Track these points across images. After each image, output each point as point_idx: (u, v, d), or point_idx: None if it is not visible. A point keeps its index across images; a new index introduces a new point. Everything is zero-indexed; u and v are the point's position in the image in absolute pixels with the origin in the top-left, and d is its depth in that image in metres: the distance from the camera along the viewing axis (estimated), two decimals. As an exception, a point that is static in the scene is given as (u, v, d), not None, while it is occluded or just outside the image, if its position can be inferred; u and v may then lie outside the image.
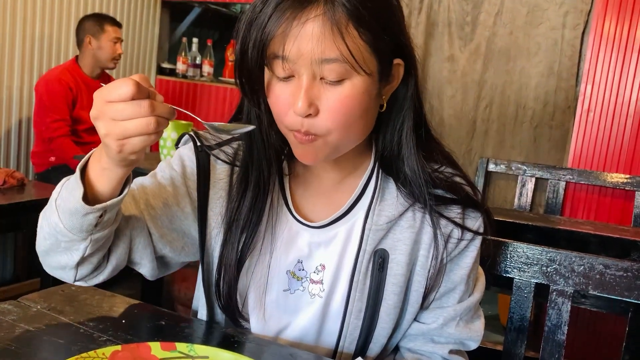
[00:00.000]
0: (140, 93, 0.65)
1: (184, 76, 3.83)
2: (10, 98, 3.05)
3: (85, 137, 2.99)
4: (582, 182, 2.79)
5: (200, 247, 0.92)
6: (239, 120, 0.90)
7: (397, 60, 0.82)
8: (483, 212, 0.91)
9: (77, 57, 3.06)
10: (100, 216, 0.73)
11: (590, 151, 2.83)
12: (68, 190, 0.75)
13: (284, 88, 0.78)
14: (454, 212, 0.89)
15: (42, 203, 1.93)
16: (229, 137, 0.92)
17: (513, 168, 2.91)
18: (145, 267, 0.90)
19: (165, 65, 3.95)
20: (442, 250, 0.88)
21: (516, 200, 2.90)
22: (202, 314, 0.96)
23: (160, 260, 0.92)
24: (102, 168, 0.72)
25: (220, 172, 0.91)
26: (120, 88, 0.64)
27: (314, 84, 0.76)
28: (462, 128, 3.13)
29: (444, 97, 3.19)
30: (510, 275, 1.16)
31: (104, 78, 3.15)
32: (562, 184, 2.83)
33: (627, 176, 2.70)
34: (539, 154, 3.00)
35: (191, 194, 0.91)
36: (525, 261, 1.15)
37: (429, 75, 3.22)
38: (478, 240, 0.91)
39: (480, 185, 2.92)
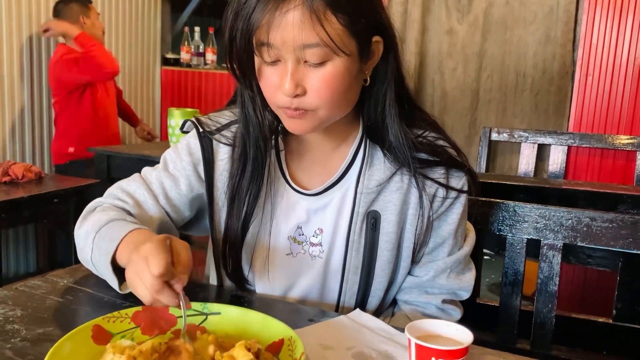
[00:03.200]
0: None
1: (188, 65, 3.90)
2: (22, 92, 3.13)
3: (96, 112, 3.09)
4: (583, 146, 2.83)
5: (210, 224, 1.01)
6: (236, 101, 0.97)
7: (375, 38, 0.88)
8: (466, 172, 0.98)
9: (60, 43, 3.12)
10: None
11: (591, 115, 2.87)
12: (101, 265, 0.88)
13: (272, 71, 0.85)
14: (438, 173, 0.96)
15: (60, 194, 2.05)
16: (227, 121, 1.00)
17: (515, 136, 2.95)
18: None
19: (170, 55, 4.02)
20: (427, 209, 0.95)
21: (520, 167, 2.94)
22: (214, 280, 1.05)
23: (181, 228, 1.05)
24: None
25: (222, 154, 0.99)
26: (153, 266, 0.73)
27: (299, 67, 0.83)
28: (466, 99, 3.18)
29: (445, 70, 3.24)
30: (503, 233, 1.23)
31: None
32: (564, 149, 2.87)
33: (628, 137, 2.74)
34: (540, 121, 3.04)
35: (202, 178, 1.00)
36: (517, 219, 1.22)
37: (428, 50, 3.26)
38: (463, 197, 0.98)
39: (484, 155, 2.97)
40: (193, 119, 1.01)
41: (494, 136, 3.00)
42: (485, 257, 3.25)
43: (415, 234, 0.97)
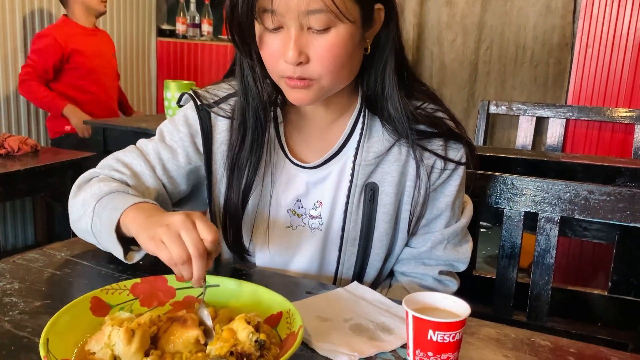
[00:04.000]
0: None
1: (184, 36, 3.86)
2: (16, 64, 3.10)
3: (87, 86, 3.05)
4: (582, 119, 2.82)
5: (208, 197, 1.00)
6: (234, 73, 0.96)
7: (377, 5, 0.87)
8: (464, 144, 0.97)
9: (65, 15, 3.08)
10: None
11: (590, 87, 2.85)
12: (104, 233, 0.86)
13: (274, 39, 0.84)
14: (436, 144, 0.95)
15: (56, 167, 2.03)
16: (225, 94, 0.99)
17: (514, 109, 2.94)
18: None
19: (165, 26, 3.97)
20: (425, 181, 0.95)
21: (518, 140, 2.93)
22: None
23: (175, 204, 1.04)
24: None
25: (220, 127, 0.98)
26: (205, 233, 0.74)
27: (302, 34, 0.82)
28: (465, 72, 3.16)
29: (444, 41, 3.21)
30: (500, 207, 1.23)
31: (100, 31, 3.20)
32: (563, 122, 2.86)
33: (627, 110, 2.72)
34: (539, 93, 3.03)
35: (200, 150, 0.99)
36: (514, 192, 1.22)
37: (427, 21, 3.23)
38: (461, 169, 0.98)
39: (482, 128, 2.96)
40: (190, 92, 1.00)
41: (492, 109, 2.98)
42: (482, 230, 3.27)
43: (413, 205, 0.97)
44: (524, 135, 2.94)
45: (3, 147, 2.03)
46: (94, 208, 0.88)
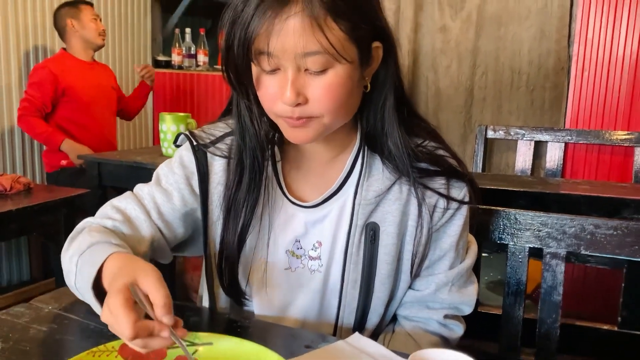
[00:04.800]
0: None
1: (180, 67, 3.85)
2: (10, 99, 3.08)
3: (82, 120, 3.02)
4: (581, 142, 2.80)
5: (204, 239, 0.97)
6: (230, 112, 0.94)
7: (375, 44, 0.85)
8: (467, 182, 0.95)
9: (64, 48, 3.08)
10: None
11: (587, 110, 2.83)
12: (84, 291, 0.81)
13: (272, 80, 0.82)
14: (438, 183, 0.93)
15: (49, 206, 2.00)
16: (222, 133, 0.96)
17: (512, 133, 2.92)
18: (163, 260, 1.00)
19: (161, 57, 3.97)
20: (428, 220, 0.92)
21: (517, 164, 2.91)
22: (206, 301, 1.01)
23: (174, 248, 1.01)
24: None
25: (217, 167, 0.96)
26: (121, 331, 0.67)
27: (299, 75, 0.80)
28: (460, 97, 3.14)
29: (439, 67, 3.20)
30: (504, 242, 1.20)
31: (98, 64, 3.19)
32: (562, 145, 2.83)
33: (626, 132, 2.71)
34: (536, 118, 3.01)
35: (196, 192, 0.96)
36: (518, 227, 1.18)
37: (421, 48, 3.23)
38: (464, 208, 0.95)
39: (480, 153, 2.94)
40: (187, 132, 0.98)
41: (490, 134, 2.96)
42: (483, 254, 3.23)
43: (415, 245, 0.93)
44: (522, 159, 2.92)
45: (-5, 186, 2.00)
46: (76, 263, 0.84)
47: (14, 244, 3.12)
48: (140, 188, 0.98)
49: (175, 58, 3.84)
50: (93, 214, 0.97)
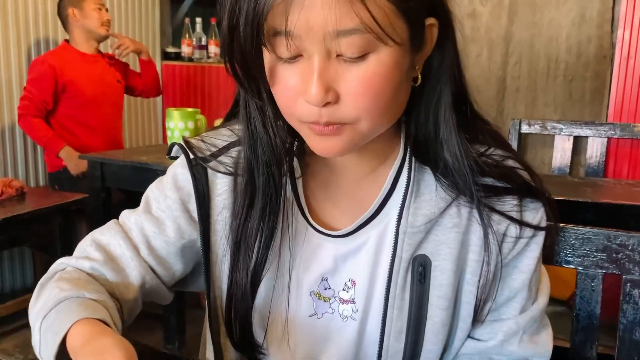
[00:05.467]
0: None
1: (190, 59, 3.67)
2: (11, 95, 2.89)
3: (85, 118, 2.84)
4: (625, 137, 2.57)
5: (206, 279, 0.77)
6: (236, 114, 0.73)
7: (429, 20, 0.64)
8: (545, 201, 0.73)
9: (67, 40, 2.89)
10: None
11: (633, 102, 2.59)
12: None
13: (291, 71, 0.61)
14: (509, 204, 0.71)
15: (42, 214, 1.81)
16: (226, 143, 0.76)
17: (548, 127, 2.70)
18: (161, 301, 0.82)
19: (170, 49, 3.79)
20: (496, 253, 0.71)
21: (554, 161, 2.69)
22: (211, 353, 0.81)
23: (174, 285, 0.82)
24: None
25: (221, 187, 0.76)
26: None
27: (330, 63, 0.59)
28: (491, 89, 2.92)
29: (468, 56, 2.95)
30: (572, 266, 0.98)
31: (103, 57, 2.99)
32: (604, 141, 2.60)
33: (676, 126, 2.47)
34: (575, 110, 2.79)
35: (194, 217, 0.77)
36: (590, 248, 0.97)
37: (449, 35, 3.01)
38: (540, 236, 0.74)
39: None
40: (181, 142, 0.77)
41: (524, 128, 2.74)
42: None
43: (479, 286, 0.72)
44: (560, 156, 2.69)
45: (-16, 191, 1.82)
46: (39, 328, 0.66)
47: (17, 250, 2.94)
48: (127, 216, 0.79)
49: (185, 49, 3.65)
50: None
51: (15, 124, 2.89)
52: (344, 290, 0.74)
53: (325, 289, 0.75)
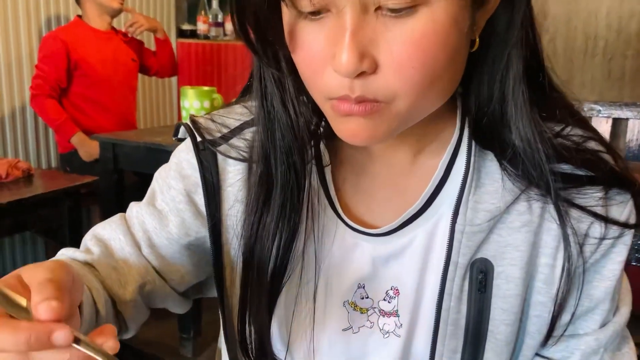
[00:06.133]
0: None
1: (206, 37, 3.54)
2: (21, 74, 2.79)
3: (97, 97, 2.72)
4: (669, 119, 2.41)
5: (217, 285, 0.65)
6: (251, 92, 0.60)
7: None
8: (635, 192, 0.60)
9: (79, 16, 2.77)
10: None
11: (678, 82, 2.43)
12: None
13: (316, 32, 0.48)
14: (593, 197, 0.58)
15: (49, 197, 1.70)
16: (239, 123, 0.64)
17: (585, 109, 2.51)
18: (173, 308, 0.71)
19: (185, 26, 3.66)
20: (575, 256, 0.58)
21: (591, 146, 2.54)
22: (226, 357, 0.69)
23: (189, 291, 0.71)
24: None
25: (233, 175, 0.63)
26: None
27: (366, 20, 0.46)
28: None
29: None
30: (643, 264, 0.85)
31: (117, 34, 2.87)
32: (646, 124, 2.45)
33: None
34: (614, 90, 2.63)
35: (202, 212, 0.65)
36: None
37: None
38: (628, 236, 0.60)
39: (547, 132, 2.58)
40: (188, 122, 0.65)
41: (559, 110, 2.59)
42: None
43: (556, 296, 0.59)
44: (598, 140, 2.54)
45: (-11, 173, 1.72)
46: None
47: (29, 236, 2.86)
48: (131, 208, 0.68)
49: (201, 27, 3.52)
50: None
51: (26, 103, 2.79)
52: (384, 300, 0.62)
53: (362, 298, 0.62)
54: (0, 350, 0.38)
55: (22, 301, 0.41)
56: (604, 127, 2.52)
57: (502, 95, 0.56)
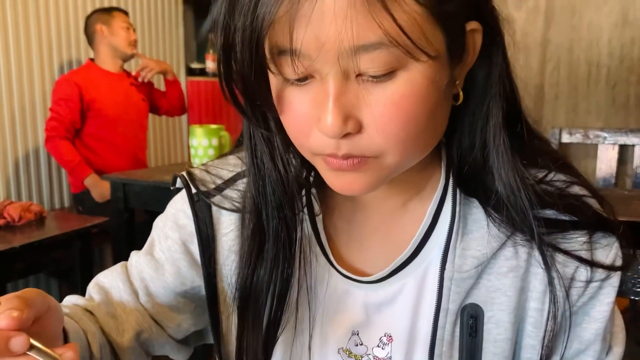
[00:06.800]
0: None
1: (215, 74, 3.60)
2: (34, 117, 2.86)
3: (109, 137, 2.78)
4: (676, 145, 2.41)
5: (214, 333, 0.67)
6: (240, 147, 0.63)
7: (471, 25, 0.53)
8: (618, 235, 0.61)
9: (91, 59, 2.86)
10: None
11: (683, 107, 2.43)
12: None
13: (302, 96, 0.51)
14: (577, 241, 0.59)
15: (61, 240, 1.73)
16: (232, 174, 0.66)
17: (591, 136, 2.55)
18: (173, 355, 0.72)
19: (195, 65, 3.74)
20: (562, 301, 0.59)
21: (599, 172, 2.54)
22: None
23: (189, 338, 0.73)
24: None
25: (227, 225, 0.65)
26: None
27: (348, 85, 0.48)
28: (528, 96, 2.75)
29: (501, 64, 2.85)
30: (642, 299, 0.85)
31: (128, 76, 2.93)
32: (652, 149, 2.45)
33: None
34: (619, 117, 2.63)
35: (197, 261, 0.67)
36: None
37: (482, 42, 2.89)
38: (615, 277, 0.61)
39: (554, 160, 2.57)
40: (184, 174, 0.67)
41: (565, 137, 2.60)
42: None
43: (544, 339, 0.60)
44: (605, 166, 2.53)
45: (2, 216, 1.75)
46: None
47: (43, 278, 2.88)
48: (131, 256, 0.71)
49: (210, 65, 3.60)
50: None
51: (39, 145, 2.86)
52: (378, 346, 0.63)
53: (357, 345, 0.63)
54: None
55: None
56: (610, 154, 2.52)
57: (484, 144, 0.58)
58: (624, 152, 2.54)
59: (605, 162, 2.53)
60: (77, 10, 3.02)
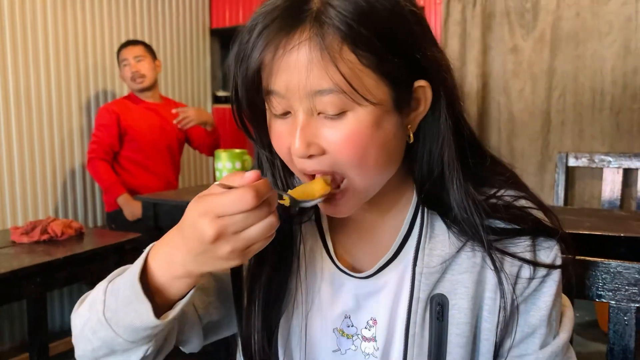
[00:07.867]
0: (260, 198, 0.59)
1: (239, 103, 3.79)
2: (72, 143, 3.09)
3: (143, 160, 3.00)
4: (678, 168, 2.50)
5: (237, 306, 0.82)
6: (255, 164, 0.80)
7: (419, 82, 0.68)
8: (558, 240, 0.75)
9: (132, 93, 3.10)
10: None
11: (684, 133, 2.53)
12: (121, 303, 0.67)
13: (283, 126, 0.69)
14: (521, 245, 0.74)
15: (98, 253, 1.92)
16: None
17: (596, 160, 2.66)
18: (193, 344, 0.84)
19: (221, 93, 3.94)
20: (510, 295, 0.73)
21: (604, 195, 2.64)
22: None
23: (207, 329, 0.85)
24: (176, 277, 0.65)
25: None
26: (242, 202, 0.58)
27: (312, 120, 0.66)
28: (536, 122, 2.91)
29: (511, 91, 2.98)
30: (604, 300, 0.98)
31: (162, 104, 3.12)
32: (655, 173, 2.55)
33: None
34: (624, 142, 2.73)
35: None
36: (621, 282, 0.97)
37: (491, 70, 3.03)
38: (556, 274, 0.75)
39: (561, 183, 2.68)
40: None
41: (572, 161, 2.71)
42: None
43: (498, 322, 0.74)
44: (610, 189, 2.63)
45: (47, 232, 1.94)
46: (105, 290, 0.69)
47: (81, 287, 3.07)
48: None
49: (235, 93, 3.78)
50: None
51: (75, 169, 3.08)
52: (366, 328, 0.78)
53: (349, 327, 0.78)
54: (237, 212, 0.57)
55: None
56: (615, 178, 2.62)
57: (441, 175, 0.73)
58: (629, 175, 2.64)
59: (610, 185, 2.63)
60: (112, 43, 3.24)
